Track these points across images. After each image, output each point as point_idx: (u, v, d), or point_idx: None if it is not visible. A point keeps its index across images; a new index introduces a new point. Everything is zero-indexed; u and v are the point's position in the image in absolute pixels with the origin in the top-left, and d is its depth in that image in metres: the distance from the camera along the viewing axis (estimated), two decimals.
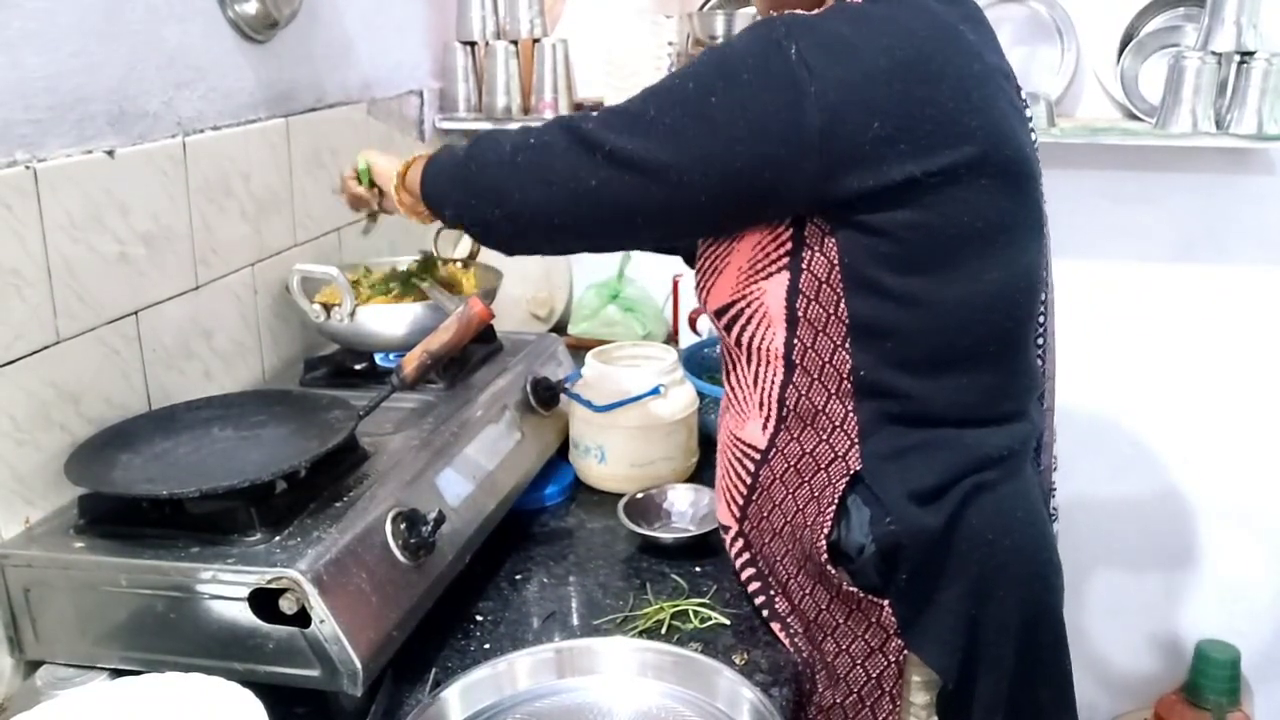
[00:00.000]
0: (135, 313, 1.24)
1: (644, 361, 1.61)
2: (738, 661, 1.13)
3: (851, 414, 1.04)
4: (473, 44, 2.10)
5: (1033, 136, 1.10)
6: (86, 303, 1.16)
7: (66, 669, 1.03)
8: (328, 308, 1.42)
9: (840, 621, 1.09)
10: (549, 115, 2.07)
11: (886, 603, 1.05)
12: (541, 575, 1.32)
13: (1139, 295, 2.12)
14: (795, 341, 1.04)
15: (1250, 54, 1.85)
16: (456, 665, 1.12)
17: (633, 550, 1.37)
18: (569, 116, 1.08)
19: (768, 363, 1.07)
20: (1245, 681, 2.28)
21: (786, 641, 1.14)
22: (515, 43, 2.06)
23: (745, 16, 1.98)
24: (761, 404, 1.10)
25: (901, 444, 1.03)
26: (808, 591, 1.11)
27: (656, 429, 1.49)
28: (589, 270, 2.30)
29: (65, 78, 1.13)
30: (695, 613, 1.22)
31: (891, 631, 1.05)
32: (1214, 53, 1.85)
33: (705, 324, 2.03)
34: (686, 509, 1.44)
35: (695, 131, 0.97)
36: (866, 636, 1.07)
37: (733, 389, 1.15)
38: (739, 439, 1.14)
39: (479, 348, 1.50)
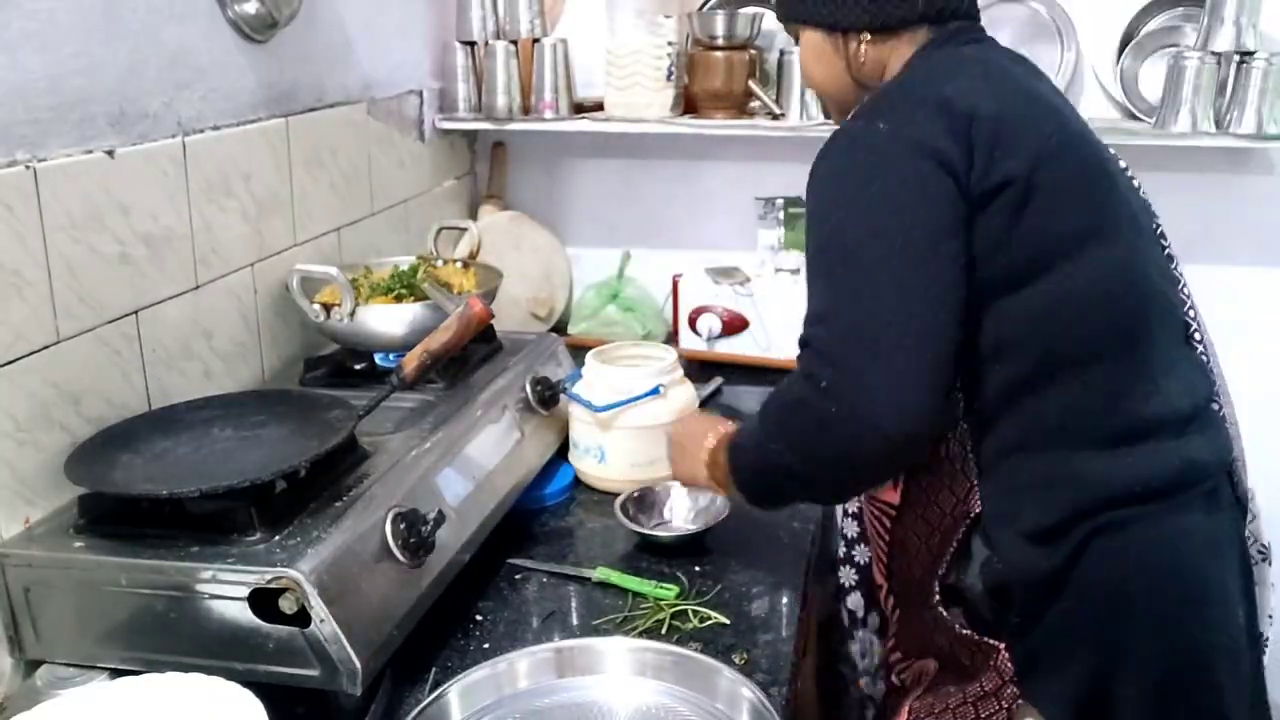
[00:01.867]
0: (135, 312, 1.24)
1: (644, 361, 1.61)
2: (738, 661, 1.13)
3: (970, 454, 1.04)
4: (473, 44, 2.10)
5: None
6: (87, 303, 1.16)
7: (66, 669, 1.03)
8: (328, 308, 1.43)
9: (955, 666, 1.08)
10: (549, 115, 2.07)
11: (1003, 645, 1.02)
12: (541, 575, 1.32)
13: None
14: None
15: (1250, 54, 1.85)
16: (456, 665, 1.12)
17: (632, 550, 1.37)
18: (805, 370, 1.02)
19: None
20: None
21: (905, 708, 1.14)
22: (515, 43, 2.06)
23: (745, 17, 1.99)
24: None
25: (1018, 481, 1.02)
26: (916, 629, 1.13)
27: (656, 429, 1.49)
28: (589, 270, 2.30)
29: (66, 78, 1.13)
30: (695, 613, 1.22)
31: (1007, 678, 1.02)
32: (1214, 53, 1.85)
33: (705, 324, 2.03)
34: (685, 508, 1.44)
35: (884, 263, 0.98)
36: (981, 680, 1.05)
37: None
38: (876, 497, 1.18)
39: (479, 348, 1.50)
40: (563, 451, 1.57)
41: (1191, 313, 1.11)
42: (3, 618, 1.04)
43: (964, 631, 1.05)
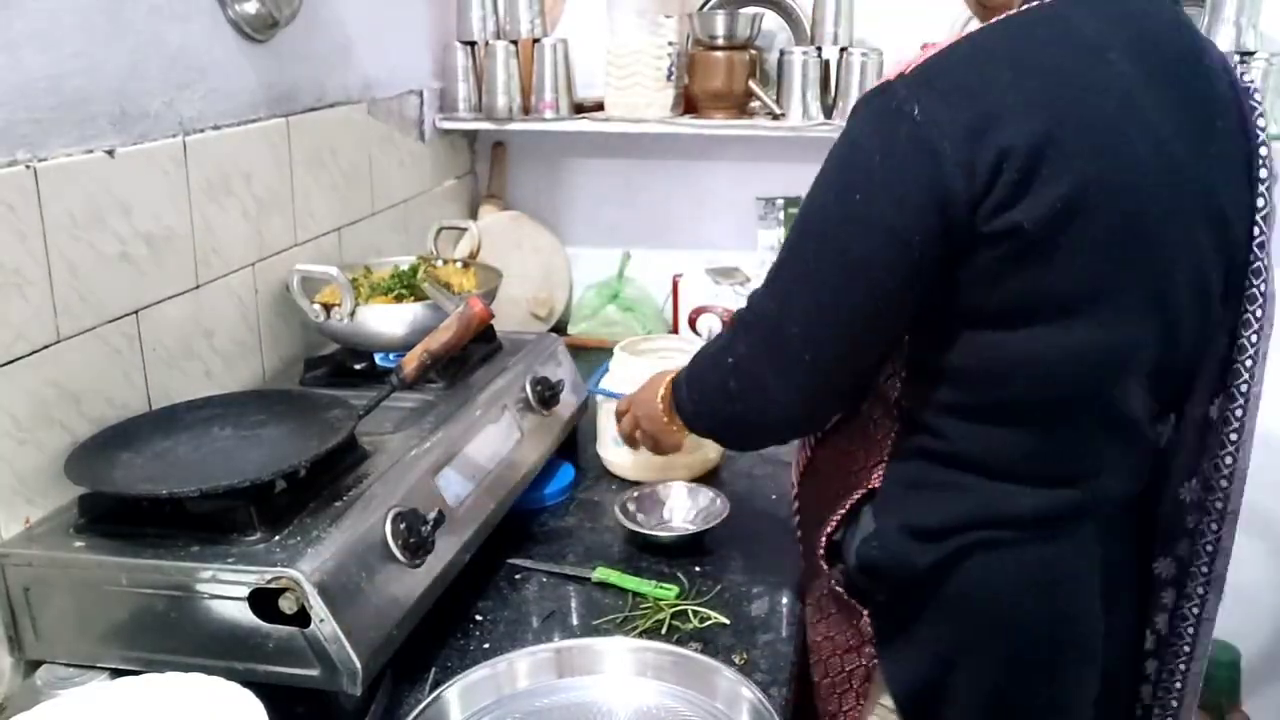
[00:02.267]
0: (136, 312, 1.24)
1: (672, 353, 1.62)
2: (737, 661, 1.13)
3: (891, 435, 1.04)
4: (473, 44, 2.10)
5: (1256, 193, 0.96)
6: (87, 302, 1.16)
7: (66, 669, 1.03)
8: (328, 308, 1.43)
9: (833, 611, 1.12)
10: (549, 115, 2.07)
11: (866, 613, 1.06)
12: (541, 575, 1.32)
13: None
14: None
15: (1250, 54, 1.84)
16: (456, 665, 1.12)
17: (632, 550, 1.37)
18: (741, 312, 1.06)
19: None
20: (1245, 682, 2.28)
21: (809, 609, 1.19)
22: (515, 43, 2.06)
23: (745, 17, 1.99)
24: None
25: (923, 477, 1.02)
26: (816, 574, 1.14)
27: None
28: (589, 270, 2.30)
29: (67, 78, 1.13)
30: (695, 613, 1.22)
31: (867, 639, 1.07)
32: None
33: (705, 324, 2.03)
34: (684, 507, 1.44)
35: (852, 240, 0.92)
36: (848, 634, 1.10)
37: None
38: None
39: (479, 347, 1.51)
40: (563, 451, 1.57)
41: (1243, 384, 1.02)
42: (3, 618, 1.04)
43: (837, 589, 1.08)
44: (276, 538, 1.02)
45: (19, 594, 1.03)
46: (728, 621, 1.20)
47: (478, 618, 1.23)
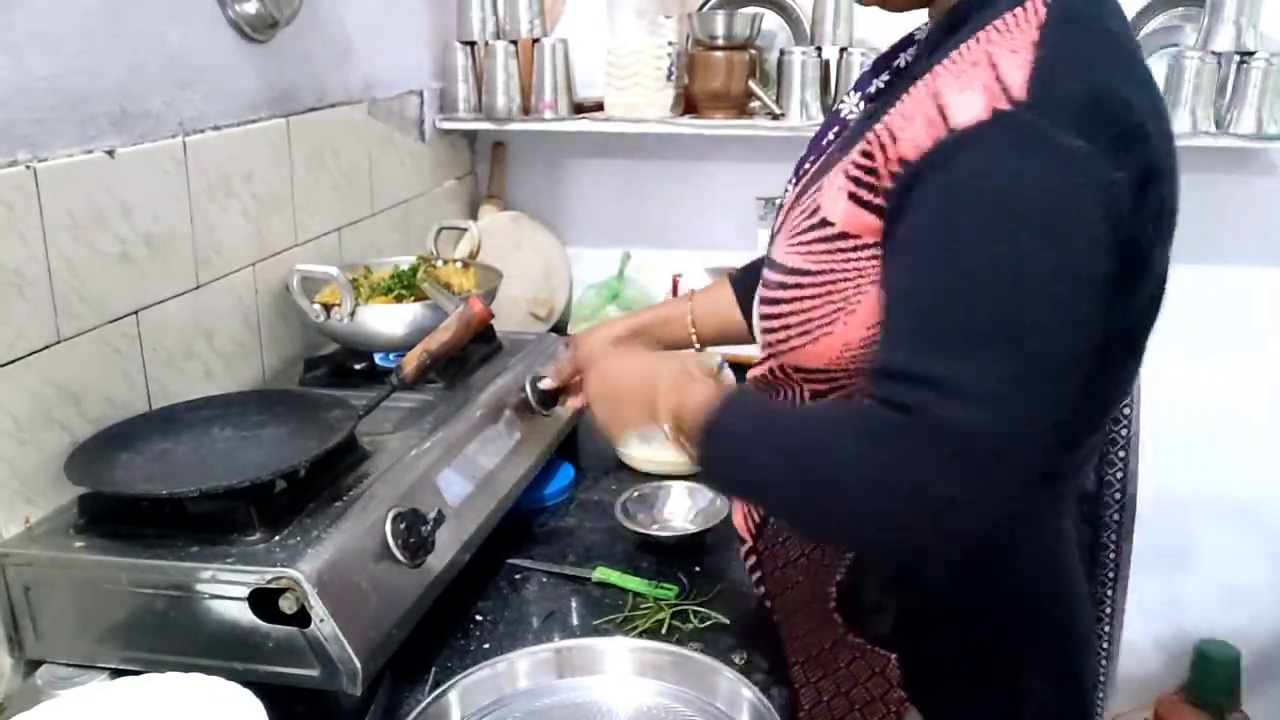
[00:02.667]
0: (136, 312, 1.24)
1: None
2: (738, 661, 1.13)
3: None
4: (473, 44, 2.10)
5: None
6: (88, 302, 1.16)
7: (66, 668, 1.03)
8: (328, 308, 1.43)
9: (843, 666, 1.03)
10: (549, 115, 2.07)
11: (894, 656, 0.99)
12: (541, 575, 1.32)
13: None
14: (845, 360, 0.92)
15: (1250, 54, 1.85)
16: (456, 665, 1.12)
17: (632, 550, 1.37)
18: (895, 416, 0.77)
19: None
20: (1245, 681, 2.28)
21: (793, 670, 1.09)
22: (515, 43, 2.07)
23: (745, 17, 1.99)
24: None
25: None
26: (812, 628, 1.05)
27: None
28: (589, 270, 2.30)
29: (68, 78, 1.13)
30: (695, 613, 1.22)
31: (895, 683, 0.99)
32: (1214, 52, 1.85)
33: None
34: (684, 508, 1.45)
35: (1062, 290, 0.76)
36: (869, 684, 1.01)
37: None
38: None
39: (479, 348, 1.51)
40: (563, 451, 1.57)
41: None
42: (3, 618, 1.04)
43: (856, 640, 1.00)
44: (276, 538, 1.02)
45: (19, 594, 1.03)
46: (728, 621, 1.20)
47: (478, 618, 1.23)
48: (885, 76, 1.05)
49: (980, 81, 0.78)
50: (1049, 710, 0.99)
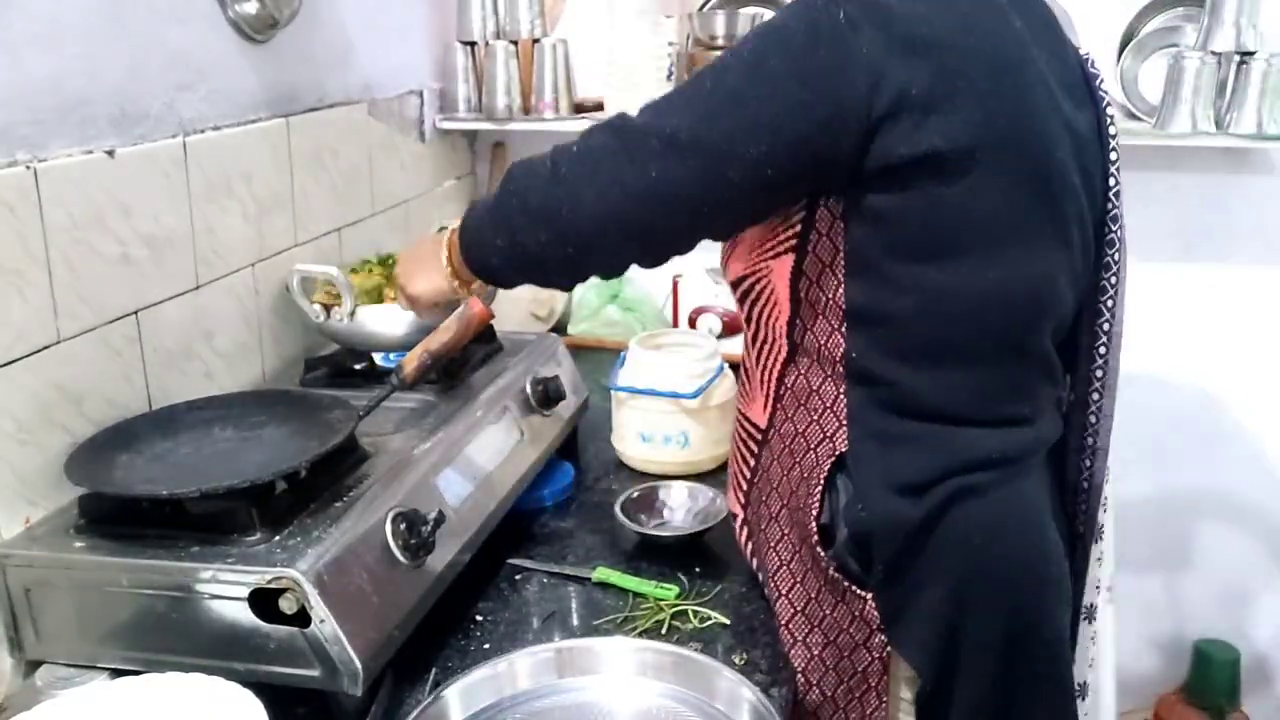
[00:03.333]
0: (136, 313, 1.24)
1: (689, 348, 1.66)
2: (738, 661, 1.13)
3: (842, 396, 1.04)
4: (473, 44, 2.10)
5: (1108, 150, 1.08)
6: (88, 303, 1.16)
7: (66, 669, 1.03)
8: (328, 308, 1.42)
9: (827, 613, 1.09)
10: (549, 115, 2.07)
11: (869, 595, 1.05)
12: (541, 575, 1.32)
13: (1139, 295, 2.12)
14: (797, 322, 1.05)
15: (1250, 54, 1.85)
16: (456, 665, 1.12)
17: (632, 549, 1.38)
18: (612, 117, 1.03)
19: (772, 342, 1.08)
20: (1245, 681, 2.28)
21: (782, 633, 1.14)
22: (515, 43, 2.07)
23: (745, 17, 1.99)
24: (763, 382, 1.10)
25: (889, 430, 1.02)
26: (799, 580, 1.11)
27: (730, 403, 1.58)
28: None
29: (67, 78, 1.14)
30: (695, 613, 1.22)
31: (874, 626, 1.05)
32: (1214, 53, 1.85)
33: (705, 324, 2.03)
34: (684, 507, 1.45)
35: (754, 95, 0.94)
36: (851, 630, 1.07)
37: (745, 369, 1.16)
38: (745, 416, 1.15)
39: (479, 348, 1.51)
40: (563, 451, 1.57)
41: (1105, 323, 1.12)
42: (3, 618, 1.04)
43: (835, 574, 1.06)
44: (277, 538, 1.02)
45: (19, 594, 1.03)
46: (728, 621, 1.20)
47: (478, 618, 1.23)
48: None
49: None
50: (991, 640, 1.03)
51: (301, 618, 0.97)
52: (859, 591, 1.05)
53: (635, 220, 1.01)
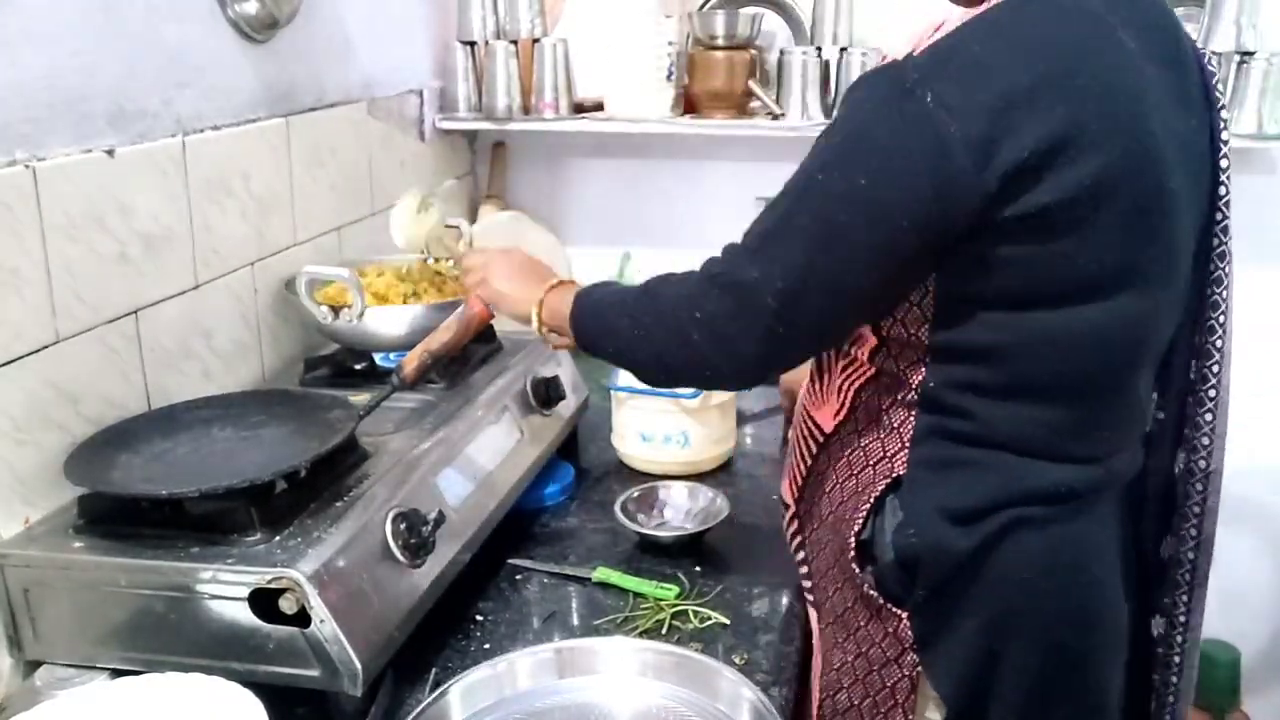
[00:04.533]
0: (135, 312, 1.24)
1: None
2: (738, 661, 1.13)
3: (912, 420, 1.00)
4: (473, 44, 2.10)
5: (1219, 156, 1.01)
6: (86, 302, 1.16)
7: (66, 669, 1.03)
8: (336, 309, 1.42)
9: (862, 624, 1.06)
10: (549, 115, 2.07)
11: (905, 615, 1.01)
12: (542, 575, 1.32)
13: None
14: (882, 350, 1.01)
15: (1250, 54, 1.85)
16: (456, 665, 1.12)
17: (632, 550, 1.37)
18: (714, 269, 1.01)
19: (858, 364, 1.05)
20: (1245, 682, 2.28)
21: (815, 631, 1.13)
22: (515, 42, 2.06)
23: (746, 16, 1.98)
24: (840, 392, 1.07)
25: (951, 457, 0.98)
26: (839, 586, 1.08)
27: (730, 403, 1.60)
28: (589, 270, 2.29)
29: (65, 77, 1.13)
30: (695, 613, 1.22)
31: (907, 645, 1.02)
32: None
33: None
34: (684, 507, 1.44)
35: (856, 223, 0.89)
36: (884, 645, 1.04)
37: (820, 369, 1.12)
38: (811, 415, 1.12)
39: (479, 348, 1.50)
40: (563, 451, 1.57)
41: (1218, 340, 1.07)
42: (3, 618, 1.04)
43: (871, 593, 1.03)
44: (277, 538, 1.02)
45: (19, 594, 1.03)
46: (728, 621, 1.20)
47: (478, 618, 1.22)
48: None
49: (920, 37, 0.90)
50: (1027, 675, 1.00)
51: (301, 618, 0.96)
52: (895, 610, 1.02)
53: (761, 369, 1.03)
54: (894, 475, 1.01)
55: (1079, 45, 0.88)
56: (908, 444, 1.01)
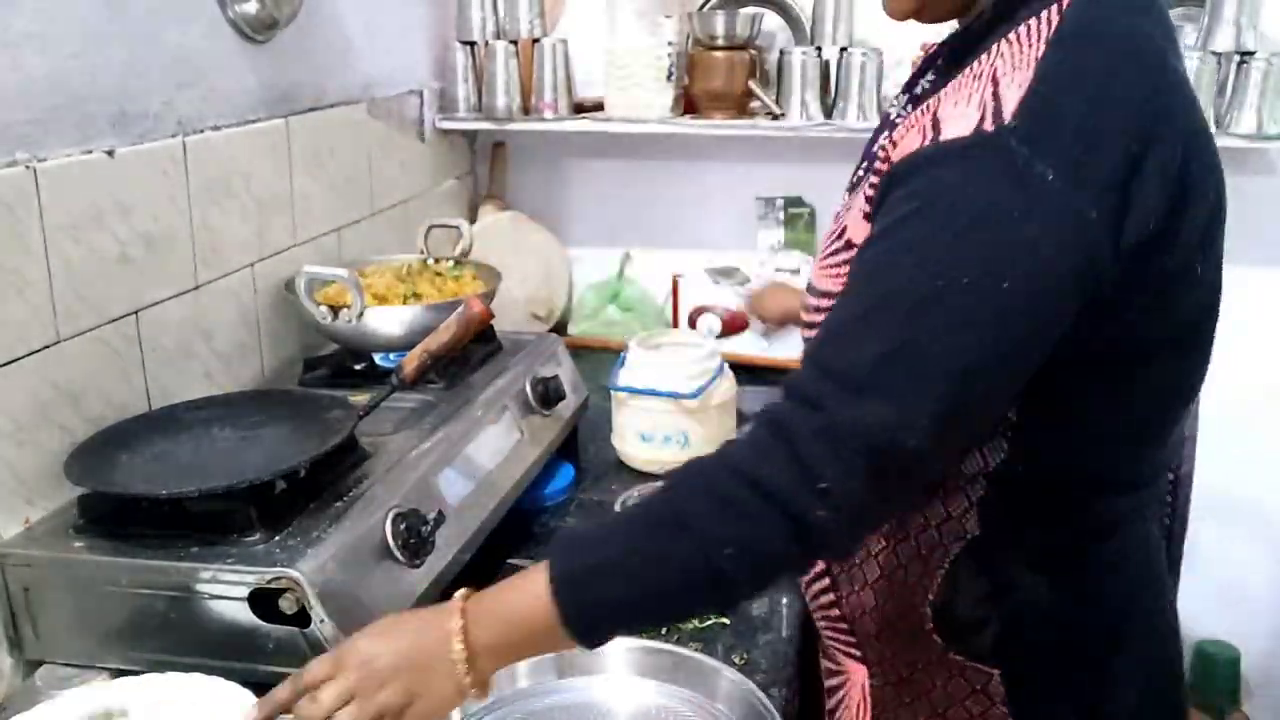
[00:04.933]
0: (135, 313, 1.24)
1: (687, 348, 1.66)
2: (738, 661, 1.13)
3: (981, 476, 0.89)
4: (473, 44, 2.10)
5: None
6: (87, 303, 1.16)
7: (66, 669, 1.03)
8: (335, 309, 1.42)
9: (937, 684, 0.96)
10: (549, 115, 2.07)
11: (997, 672, 0.93)
12: None
13: None
14: None
15: (1250, 54, 1.85)
16: None
17: None
18: (826, 421, 0.75)
19: None
20: (1245, 681, 2.28)
21: (860, 685, 1.02)
22: (515, 43, 2.07)
23: (745, 17, 1.99)
24: None
25: (1023, 506, 0.90)
26: (897, 650, 0.98)
27: (730, 403, 1.61)
28: (589, 270, 2.30)
29: (66, 78, 1.13)
30: None
31: (998, 700, 0.94)
32: (1214, 53, 1.85)
33: (705, 324, 2.03)
34: None
35: (995, 327, 0.74)
36: (967, 703, 0.96)
37: None
38: None
39: (479, 348, 1.50)
40: (563, 451, 1.57)
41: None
42: (3, 618, 1.04)
43: (955, 657, 0.95)
44: (276, 538, 1.02)
45: (19, 594, 1.03)
46: (728, 621, 1.20)
47: None
48: (930, 76, 1.00)
49: (978, 97, 0.77)
50: (1142, 696, 0.96)
51: (301, 618, 0.96)
52: (982, 667, 0.94)
53: (881, 521, 0.90)
54: (967, 536, 0.91)
55: (1155, 86, 0.79)
56: (977, 504, 0.91)
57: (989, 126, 0.75)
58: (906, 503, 0.90)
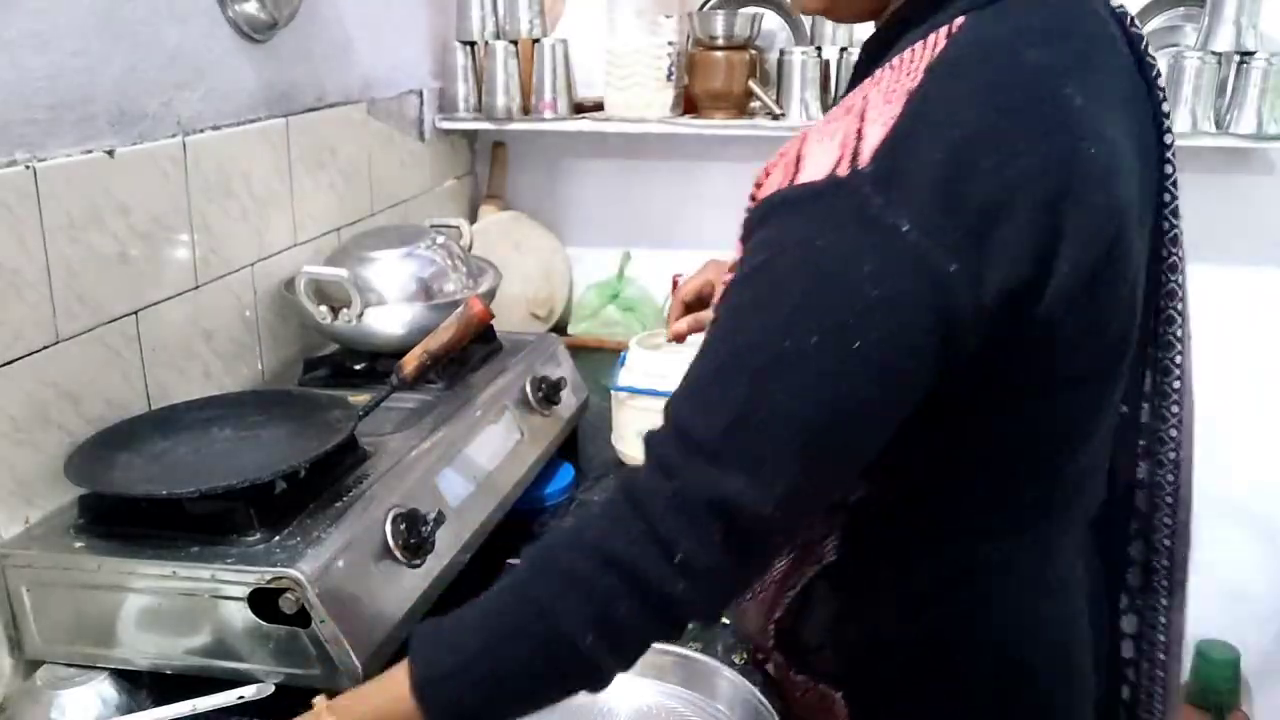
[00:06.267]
0: (135, 313, 1.24)
1: (688, 348, 1.63)
2: (737, 661, 1.13)
3: (842, 508, 0.88)
4: (472, 44, 2.10)
5: (1163, 164, 0.91)
6: (86, 303, 1.16)
7: (66, 669, 1.03)
8: (335, 309, 1.42)
9: (797, 697, 0.97)
10: (549, 115, 2.07)
11: (840, 694, 0.91)
12: None
13: None
14: None
15: (1250, 54, 1.85)
16: None
17: None
18: (648, 490, 0.72)
19: None
20: (1245, 681, 2.28)
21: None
22: (515, 43, 2.06)
23: (745, 17, 1.99)
24: None
25: (880, 541, 0.88)
26: (764, 659, 1.03)
27: None
28: (589, 270, 2.30)
29: (65, 78, 1.13)
30: None
31: (843, 717, 0.92)
32: (1214, 52, 1.85)
33: (705, 324, 2.02)
34: None
35: (848, 385, 0.69)
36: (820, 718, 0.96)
37: None
38: None
39: (479, 348, 1.50)
40: (563, 451, 1.57)
41: (1177, 355, 0.95)
42: (3, 618, 1.04)
43: (798, 677, 0.94)
44: (276, 538, 1.02)
45: (19, 594, 1.03)
46: (728, 621, 1.20)
47: None
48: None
49: (842, 134, 0.71)
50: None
51: (301, 618, 0.96)
52: (827, 689, 0.92)
53: (743, 587, 0.83)
54: (824, 561, 0.90)
55: (1030, 126, 0.71)
56: (838, 529, 0.89)
57: (843, 171, 0.69)
58: (767, 566, 0.87)
